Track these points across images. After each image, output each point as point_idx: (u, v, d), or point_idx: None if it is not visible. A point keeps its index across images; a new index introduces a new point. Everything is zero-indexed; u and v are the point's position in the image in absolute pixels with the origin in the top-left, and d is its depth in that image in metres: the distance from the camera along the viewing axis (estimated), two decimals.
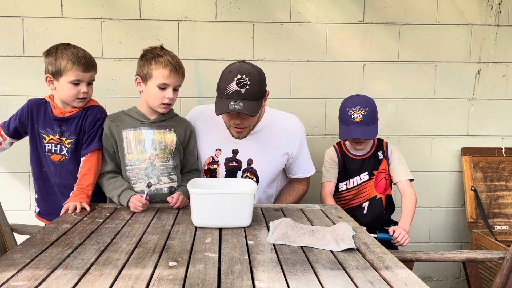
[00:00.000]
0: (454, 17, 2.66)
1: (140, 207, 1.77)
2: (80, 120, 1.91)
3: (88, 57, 1.89)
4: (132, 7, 2.54)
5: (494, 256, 1.81)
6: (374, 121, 2.11)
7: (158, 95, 1.85)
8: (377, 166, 2.20)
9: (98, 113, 1.95)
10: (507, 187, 2.68)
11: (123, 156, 1.90)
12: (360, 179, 2.20)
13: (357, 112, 2.10)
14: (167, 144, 1.91)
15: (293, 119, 2.13)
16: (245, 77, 1.81)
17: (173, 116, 1.98)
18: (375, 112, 2.13)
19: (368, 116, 2.09)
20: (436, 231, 2.79)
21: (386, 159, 2.20)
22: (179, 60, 1.89)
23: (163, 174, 1.90)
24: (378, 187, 2.19)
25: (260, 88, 1.87)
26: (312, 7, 2.61)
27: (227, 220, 1.57)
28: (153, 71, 1.83)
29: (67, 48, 1.86)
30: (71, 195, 1.85)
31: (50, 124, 1.91)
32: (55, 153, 1.92)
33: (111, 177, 1.89)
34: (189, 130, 1.99)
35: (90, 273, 1.14)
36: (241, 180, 1.93)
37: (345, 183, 2.23)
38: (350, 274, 1.16)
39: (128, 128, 1.90)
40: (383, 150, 2.21)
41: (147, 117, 1.92)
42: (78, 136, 1.92)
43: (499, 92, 2.72)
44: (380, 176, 2.19)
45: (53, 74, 1.86)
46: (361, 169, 2.21)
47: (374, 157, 2.21)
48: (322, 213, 1.82)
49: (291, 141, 2.07)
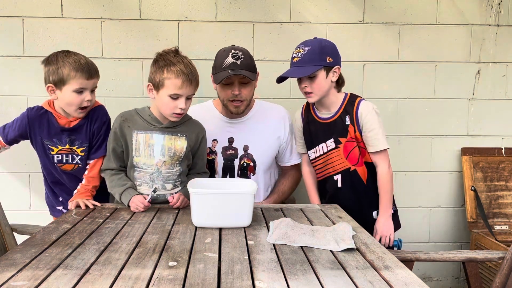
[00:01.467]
0: (454, 17, 2.66)
1: (142, 209, 1.77)
2: (88, 125, 1.90)
3: (90, 64, 1.84)
4: (132, 7, 2.54)
5: (494, 256, 1.81)
6: (313, 62, 1.82)
7: (170, 104, 1.78)
8: (343, 133, 1.89)
9: (104, 116, 1.94)
10: (507, 187, 2.69)
11: (131, 156, 1.87)
12: (327, 146, 1.94)
13: (297, 51, 1.87)
14: (177, 151, 1.86)
15: (280, 106, 2.25)
16: (238, 52, 2.00)
17: (186, 120, 1.92)
18: (321, 53, 1.83)
19: (308, 55, 1.82)
20: (436, 231, 2.79)
21: (355, 125, 1.89)
22: (193, 68, 1.79)
23: (168, 181, 1.88)
24: (350, 158, 1.90)
25: (252, 62, 2.04)
26: (312, 7, 2.61)
27: (227, 220, 1.57)
28: (165, 80, 1.75)
29: (68, 55, 1.80)
30: (75, 193, 1.86)
31: (57, 135, 1.87)
32: (66, 163, 1.90)
33: (114, 174, 1.89)
34: (201, 135, 1.94)
35: (90, 273, 1.14)
36: (241, 180, 1.95)
37: (313, 150, 2.01)
38: (350, 274, 1.16)
39: (139, 130, 1.85)
40: (352, 114, 1.89)
41: (160, 121, 1.87)
42: (90, 142, 1.91)
43: (499, 92, 2.72)
44: (350, 145, 1.89)
45: (55, 84, 1.79)
46: (326, 134, 1.93)
47: (341, 121, 1.90)
48: (322, 213, 1.82)
49: (281, 125, 2.17)
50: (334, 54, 1.88)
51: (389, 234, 1.95)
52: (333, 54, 1.88)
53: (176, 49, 1.82)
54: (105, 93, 2.53)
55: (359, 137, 1.90)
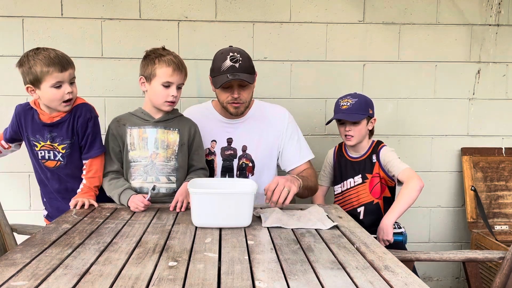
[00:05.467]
0: (454, 17, 2.66)
1: (142, 208, 1.78)
2: (71, 123, 1.85)
3: (61, 56, 1.79)
4: (132, 7, 2.54)
5: (494, 256, 1.81)
6: (360, 111, 2.11)
7: (163, 93, 1.88)
8: (370, 169, 2.15)
9: (87, 112, 1.88)
10: (507, 187, 2.69)
11: (126, 152, 1.92)
12: (354, 181, 2.18)
13: (345, 100, 2.15)
14: (170, 143, 1.92)
15: (279, 106, 2.24)
16: (236, 54, 1.99)
17: (177, 116, 2.00)
18: (366, 105, 2.13)
19: (356, 105, 2.11)
20: (436, 231, 2.79)
21: (379, 162, 2.14)
22: (181, 59, 1.92)
23: (162, 174, 1.91)
24: (374, 192, 2.14)
25: (251, 64, 2.03)
26: (312, 7, 2.61)
27: (227, 220, 1.57)
28: (156, 70, 1.86)
29: (37, 52, 1.77)
30: (79, 192, 1.86)
31: (39, 130, 1.85)
32: (49, 160, 1.88)
33: (113, 178, 1.91)
34: (193, 129, 2.00)
35: (90, 273, 1.14)
36: (241, 180, 1.94)
37: (340, 185, 2.23)
38: (350, 274, 1.16)
39: (133, 126, 1.94)
40: (377, 153, 2.16)
41: (152, 116, 1.95)
42: (72, 140, 1.87)
43: (499, 92, 2.72)
44: (375, 180, 2.14)
45: (32, 83, 1.77)
46: (355, 171, 2.18)
47: (369, 160, 2.17)
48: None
49: (279, 123, 2.16)
50: (373, 108, 2.20)
51: (386, 238, 1.97)
52: (372, 108, 2.19)
53: (163, 46, 1.95)
54: (105, 93, 2.53)
55: (382, 173, 2.14)
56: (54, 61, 1.75)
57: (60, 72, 1.76)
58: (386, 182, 2.15)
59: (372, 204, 2.14)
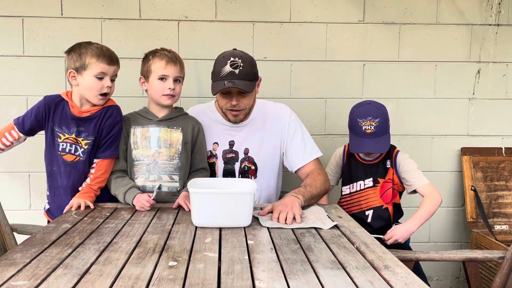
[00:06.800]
0: (454, 17, 2.66)
1: (148, 207, 1.78)
2: (99, 120, 1.89)
3: (111, 52, 1.90)
4: (132, 7, 2.54)
5: (494, 256, 1.81)
6: (386, 131, 2.05)
7: (160, 87, 1.90)
8: (383, 174, 2.10)
9: (117, 115, 1.93)
10: (507, 187, 2.69)
11: (130, 150, 1.94)
12: (364, 184, 2.13)
13: (368, 123, 2.03)
14: (173, 142, 1.93)
15: (283, 105, 2.17)
16: (237, 59, 1.92)
17: (181, 115, 2.01)
18: (386, 121, 2.06)
19: (380, 127, 2.02)
20: (436, 231, 2.79)
21: (394, 169, 2.10)
22: (176, 54, 1.95)
23: (164, 173, 1.91)
24: (385, 196, 2.10)
25: (253, 70, 1.96)
26: (312, 7, 2.61)
27: (227, 220, 1.57)
28: (151, 65, 1.91)
29: (90, 44, 1.87)
30: (79, 192, 1.86)
31: (67, 123, 1.88)
32: (69, 153, 1.89)
33: (119, 176, 1.92)
34: (197, 128, 2.01)
35: (90, 273, 1.14)
36: (241, 180, 1.94)
37: (348, 186, 2.17)
38: (350, 274, 1.16)
39: (136, 125, 1.95)
40: (392, 159, 2.11)
41: (155, 115, 1.96)
42: (95, 137, 1.89)
43: (499, 92, 2.72)
44: (387, 185, 2.10)
45: (76, 70, 1.84)
46: (366, 174, 2.13)
47: (382, 165, 2.11)
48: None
49: (280, 123, 2.09)
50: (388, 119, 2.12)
51: (400, 240, 1.96)
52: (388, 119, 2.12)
53: (162, 47, 1.98)
54: None
55: (396, 179, 2.10)
56: (105, 54, 1.85)
57: (107, 64, 1.84)
58: (398, 188, 2.12)
59: (381, 208, 2.10)
